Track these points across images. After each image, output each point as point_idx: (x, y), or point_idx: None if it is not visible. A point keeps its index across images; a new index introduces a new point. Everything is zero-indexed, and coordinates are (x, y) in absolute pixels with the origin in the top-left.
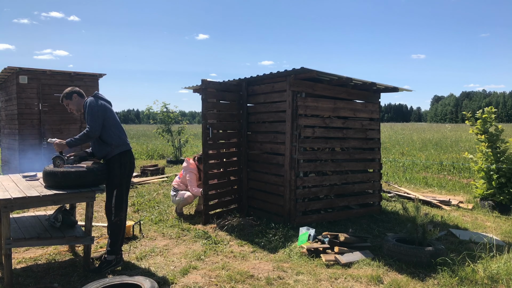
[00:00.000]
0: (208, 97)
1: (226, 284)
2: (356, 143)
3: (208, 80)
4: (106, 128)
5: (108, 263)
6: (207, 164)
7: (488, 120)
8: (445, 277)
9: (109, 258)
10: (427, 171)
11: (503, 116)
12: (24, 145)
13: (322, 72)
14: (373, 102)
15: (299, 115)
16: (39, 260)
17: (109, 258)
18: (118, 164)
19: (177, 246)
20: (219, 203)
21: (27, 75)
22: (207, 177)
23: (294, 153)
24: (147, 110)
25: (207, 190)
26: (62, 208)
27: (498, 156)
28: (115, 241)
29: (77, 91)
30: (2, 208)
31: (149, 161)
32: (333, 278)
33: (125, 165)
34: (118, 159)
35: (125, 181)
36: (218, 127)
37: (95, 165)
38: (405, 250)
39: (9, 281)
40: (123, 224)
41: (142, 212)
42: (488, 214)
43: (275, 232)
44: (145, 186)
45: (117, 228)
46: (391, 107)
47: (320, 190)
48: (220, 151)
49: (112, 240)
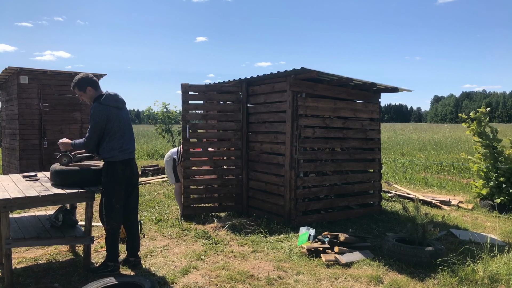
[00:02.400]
0: (188, 100)
1: (226, 284)
2: (356, 143)
3: (189, 84)
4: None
5: (106, 266)
6: (188, 161)
7: (482, 119)
8: (445, 277)
9: (109, 263)
10: (427, 171)
11: (503, 116)
12: (24, 145)
13: (322, 72)
14: (373, 102)
15: (299, 115)
16: (40, 260)
17: (109, 263)
18: (105, 172)
19: (177, 246)
20: (205, 198)
21: (28, 75)
22: (187, 172)
23: (294, 153)
24: (147, 110)
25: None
26: (63, 208)
27: (496, 156)
28: (110, 249)
29: (91, 83)
30: (2, 208)
31: (150, 161)
32: (333, 278)
33: (113, 174)
34: (107, 167)
35: (113, 189)
36: (217, 127)
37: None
38: (405, 250)
39: (9, 281)
40: (116, 232)
41: (143, 212)
42: (488, 214)
43: (275, 232)
44: (145, 186)
45: (109, 237)
46: (391, 107)
47: (320, 190)
48: (208, 150)
49: (107, 248)
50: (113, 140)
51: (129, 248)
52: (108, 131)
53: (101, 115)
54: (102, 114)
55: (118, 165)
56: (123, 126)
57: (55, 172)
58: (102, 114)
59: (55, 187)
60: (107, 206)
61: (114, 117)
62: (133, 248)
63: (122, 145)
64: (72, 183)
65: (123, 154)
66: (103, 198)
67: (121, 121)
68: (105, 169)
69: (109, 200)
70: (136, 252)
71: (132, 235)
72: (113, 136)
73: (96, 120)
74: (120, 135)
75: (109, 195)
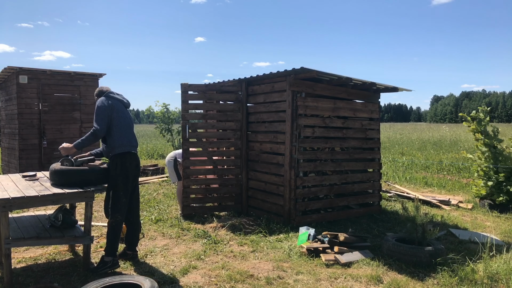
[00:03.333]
0: (187, 99)
1: (226, 284)
2: (356, 143)
3: (188, 84)
4: (110, 128)
5: (104, 263)
6: (188, 160)
7: (482, 119)
8: (445, 277)
9: (106, 259)
10: (426, 170)
11: (503, 116)
12: (24, 144)
13: (322, 72)
14: (373, 102)
15: (299, 115)
16: (39, 259)
17: (106, 259)
18: (115, 165)
19: (177, 246)
20: (205, 198)
21: (27, 75)
22: (187, 172)
23: (294, 153)
24: (148, 110)
25: (188, 184)
26: (62, 208)
27: (496, 155)
28: (110, 243)
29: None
30: (1, 208)
31: (149, 161)
32: (332, 278)
33: (122, 166)
34: (116, 160)
35: (122, 182)
36: (216, 127)
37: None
38: (405, 249)
39: (9, 280)
40: (119, 226)
41: (142, 212)
42: (488, 213)
43: (275, 231)
44: (145, 185)
45: (111, 230)
46: (391, 107)
47: (320, 189)
48: (208, 149)
49: (107, 241)
50: (122, 133)
51: (128, 242)
52: (115, 123)
53: (106, 105)
54: (107, 104)
55: (127, 157)
56: (129, 121)
57: (54, 172)
58: (107, 104)
59: (55, 187)
60: (114, 198)
61: (119, 108)
62: (132, 242)
63: (130, 139)
64: (72, 183)
65: (130, 147)
66: (110, 191)
67: (127, 116)
68: (114, 163)
69: (117, 193)
70: (135, 246)
71: (132, 229)
72: (121, 129)
73: (101, 109)
74: (126, 128)
75: (118, 188)
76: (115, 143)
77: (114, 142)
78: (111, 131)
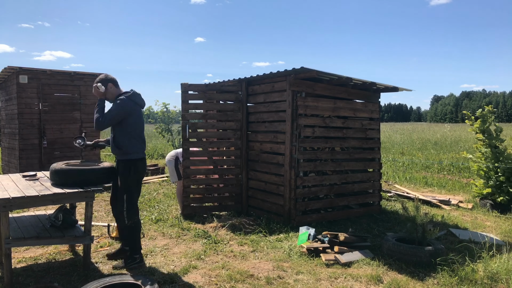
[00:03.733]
0: (187, 99)
1: (226, 284)
2: (356, 142)
3: (188, 84)
4: (123, 131)
5: (133, 259)
6: (188, 160)
7: (487, 118)
8: (445, 277)
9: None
10: (426, 170)
11: (503, 116)
12: (24, 144)
13: (322, 71)
14: (373, 101)
15: (299, 115)
16: (39, 259)
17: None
18: (128, 170)
19: (177, 246)
20: (205, 198)
21: (27, 74)
22: (187, 172)
23: (294, 153)
24: (147, 110)
25: (188, 183)
26: (62, 207)
27: (497, 155)
28: (133, 243)
29: (112, 80)
30: (1, 208)
31: (149, 161)
32: (333, 278)
33: (136, 171)
34: (130, 165)
35: (135, 186)
36: (216, 127)
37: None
38: (405, 249)
39: (9, 280)
40: (138, 226)
41: (142, 212)
42: (488, 213)
43: (275, 231)
44: (145, 185)
45: (131, 232)
46: (391, 107)
47: (320, 189)
48: (208, 149)
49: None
50: (137, 140)
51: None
52: (131, 129)
53: (126, 108)
54: (127, 107)
55: (139, 163)
56: (143, 125)
57: (54, 172)
58: (127, 107)
59: (55, 187)
60: (130, 202)
61: (137, 113)
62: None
63: (143, 145)
64: (72, 183)
65: (143, 153)
66: (124, 194)
67: (142, 120)
68: (127, 167)
69: (131, 197)
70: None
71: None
72: (136, 136)
73: (119, 110)
74: (141, 133)
75: (132, 191)
76: (130, 149)
77: (129, 148)
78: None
